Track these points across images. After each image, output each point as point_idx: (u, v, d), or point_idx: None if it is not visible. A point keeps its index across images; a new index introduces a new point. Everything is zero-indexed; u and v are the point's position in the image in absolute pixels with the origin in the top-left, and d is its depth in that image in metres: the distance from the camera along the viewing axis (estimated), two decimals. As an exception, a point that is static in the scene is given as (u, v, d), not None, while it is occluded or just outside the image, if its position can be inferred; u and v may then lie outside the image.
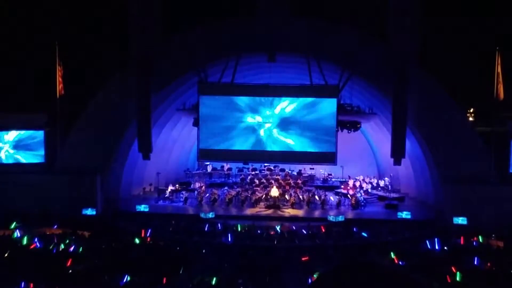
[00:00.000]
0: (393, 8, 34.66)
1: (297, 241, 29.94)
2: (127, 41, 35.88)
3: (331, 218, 33.31)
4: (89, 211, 34.08)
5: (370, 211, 36.02)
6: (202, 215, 33.89)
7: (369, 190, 39.84)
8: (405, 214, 33.78)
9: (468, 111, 48.35)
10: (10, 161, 37.04)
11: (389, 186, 40.04)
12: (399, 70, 33.21)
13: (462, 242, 29.15)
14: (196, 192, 38.62)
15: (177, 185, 39.50)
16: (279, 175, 41.56)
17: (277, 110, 37.31)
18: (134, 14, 35.69)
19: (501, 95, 33.65)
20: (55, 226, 31.29)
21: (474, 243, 29.22)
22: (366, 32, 35.59)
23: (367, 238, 30.57)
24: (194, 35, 36.00)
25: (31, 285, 20.82)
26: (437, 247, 28.17)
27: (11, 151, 37.05)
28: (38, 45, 40.98)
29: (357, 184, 39.91)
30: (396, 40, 33.87)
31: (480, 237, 29.52)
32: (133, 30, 35.63)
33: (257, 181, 40.15)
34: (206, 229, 31.74)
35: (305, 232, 31.14)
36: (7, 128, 36.97)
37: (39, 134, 37.36)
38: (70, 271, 23.30)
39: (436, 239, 28.59)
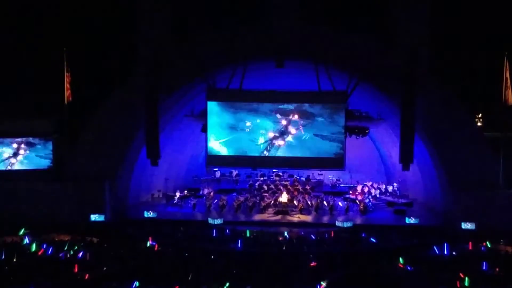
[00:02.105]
0: (401, 13, 34.72)
1: (306, 247, 29.93)
2: (135, 47, 36.02)
3: (339, 223, 33.31)
4: (98, 218, 34.12)
5: (379, 217, 35.98)
6: (210, 221, 33.91)
7: (378, 196, 39.77)
8: (413, 220, 33.74)
9: (477, 116, 48.23)
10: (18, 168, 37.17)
11: (398, 192, 40.01)
12: (408, 75, 33.18)
13: (470, 247, 29.11)
14: (204, 198, 38.65)
15: (185, 191, 39.51)
16: (287, 181, 41.46)
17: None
18: (143, 21, 35.87)
19: (510, 100, 33.60)
20: (64, 233, 31.37)
21: (483, 248, 29.18)
22: (374, 38, 35.55)
23: (375, 244, 30.54)
24: (202, 41, 36.07)
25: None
26: (445, 253, 28.17)
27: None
28: (46, 52, 41.08)
29: (366, 189, 39.83)
30: (404, 45, 33.84)
31: (488, 242, 29.48)
32: (142, 36, 35.82)
33: (265, 187, 40.11)
34: (214, 235, 31.78)
35: (313, 237, 31.15)
36: (15, 135, 37.04)
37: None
38: (79, 277, 23.36)
39: (444, 244, 28.59)
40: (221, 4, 38.73)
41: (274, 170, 42.85)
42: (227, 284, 22.34)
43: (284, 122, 37.14)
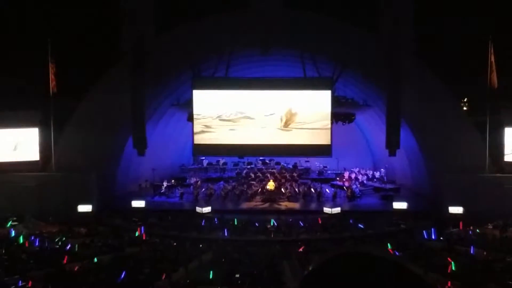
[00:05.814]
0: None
1: (294, 234, 29.99)
2: (120, 37, 35.82)
3: (327, 210, 33.35)
4: (85, 208, 34.00)
5: (366, 203, 36.07)
6: (198, 210, 33.88)
7: (365, 182, 39.87)
8: (401, 205, 33.83)
9: (462, 100, 48.34)
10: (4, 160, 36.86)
11: (385, 177, 40.11)
12: (392, 61, 33.19)
13: (458, 231, 29.23)
14: (192, 187, 38.59)
15: (172, 181, 39.44)
16: (274, 169, 41.45)
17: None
18: (127, 10, 35.65)
19: (495, 84, 33.64)
20: (52, 224, 31.28)
21: (470, 232, 29.31)
22: (359, 24, 35.51)
23: (363, 230, 30.62)
24: (187, 30, 35.92)
25: (30, 283, 20.81)
26: (433, 237, 28.28)
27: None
28: (30, 43, 40.79)
29: (353, 176, 39.92)
30: (389, 31, 33.83)
31: (476, 226, 29.60)
32: (126, 26, 35.59)
33: (252, 175, 40.06)
34: (202, 224, 31.76)
35: (301, 224, 31.19)
36: (0, 126, 36.71)
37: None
38: (67, 268, 23.28)
39: (432, 229, 28.70)
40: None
41: (261, 158, 42.81)
42: (212, 273, 22.32)
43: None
